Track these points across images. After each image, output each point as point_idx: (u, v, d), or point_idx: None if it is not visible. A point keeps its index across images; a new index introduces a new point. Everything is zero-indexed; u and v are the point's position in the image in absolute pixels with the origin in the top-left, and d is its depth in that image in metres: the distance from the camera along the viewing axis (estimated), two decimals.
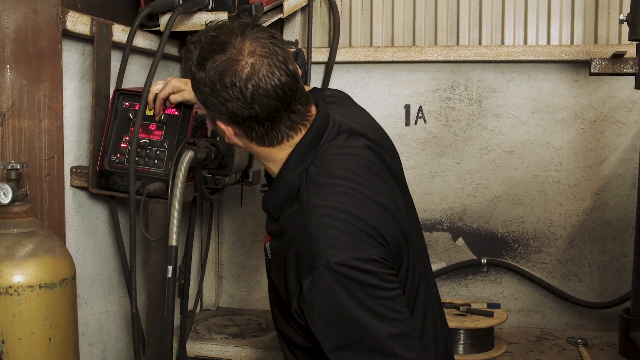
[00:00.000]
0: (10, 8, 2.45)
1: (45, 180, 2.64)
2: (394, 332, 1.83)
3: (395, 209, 2.02)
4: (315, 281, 1.81)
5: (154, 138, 2.81)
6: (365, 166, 2.02)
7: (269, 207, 2.06)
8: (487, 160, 3.58)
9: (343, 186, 1.93)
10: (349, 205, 1.89)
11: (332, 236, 1.84)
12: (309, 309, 1.85)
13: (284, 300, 2.01)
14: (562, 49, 3.40)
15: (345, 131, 2.07)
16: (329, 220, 1.86)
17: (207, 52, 1.91)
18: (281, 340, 2.24)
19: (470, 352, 3.17)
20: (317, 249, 1.82)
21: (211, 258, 3.90)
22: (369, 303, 1.81)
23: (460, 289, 3.69)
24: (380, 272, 1.84)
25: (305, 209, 1.90)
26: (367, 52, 3.58)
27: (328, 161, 1.99)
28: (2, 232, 2.23)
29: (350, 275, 1.80)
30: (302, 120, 1.99)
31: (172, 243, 2.51)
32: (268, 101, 1.88)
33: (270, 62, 1.88)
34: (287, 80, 1.90)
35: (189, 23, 3.06)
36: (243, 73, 1.85)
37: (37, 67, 2.58)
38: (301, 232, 1.88)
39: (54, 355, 2.27)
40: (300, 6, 3.49)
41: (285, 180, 1.98)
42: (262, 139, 1.97)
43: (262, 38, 1.91)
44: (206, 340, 3.47)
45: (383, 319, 1.82)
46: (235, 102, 1.88)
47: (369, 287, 1.81)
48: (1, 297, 2.15)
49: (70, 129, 2.83)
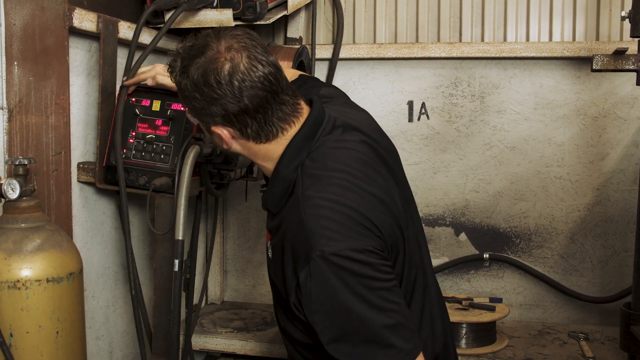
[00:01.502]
0: (18, 5, 2.47)
1: (52, 176, 2.66)
2: (389, 322, 1.83)
3: (390, 202, 2.02)
4: (311, 272, 1.82)
5: (160, 133, 2.82)
6: (360, 159, 2.03)
7: (268, 204, 2.07)
8: (489, 156, 3.60)
9: (338, 178, 1.94)
10: (344, 196, 1.90)
11: (327, 227, 1.84)
12: (306, 301, 1.86)
13: (283, 296, 2.02)
14: (564, 45, 3.42)
15: (340, 126, 2.08)
16: (324, 212, 1.87)
17: (187, 59, 1.93)
18: (284, 338, 2.24)
19: (473, 346, 3.19)
20: (312, 240, 1.83)
21: (216, 252, 3.93)
22: (364, 294, 1.82)
23: (463, 284, 3.71)
24: (376, 263, 1.85)
25: (301, 202, 1.90)
26: (370, 49, 3.60)
27: (323, 154, 2.00)
28: (10, 227, 2.24)
29: (346, 266, 1.81)
30: (293, 112, 2.00)
31: (178, 237, 2.54)
32: (255, 92, 1.89)
33: (249, 55, 1.90)
34: (270, 70, 1.92)
35: (194, 20, 3.08)
36: (224, 69, 1.88)
37: (44, 63, 2.59)
38: (297, 224, 1.89)
39: (62, 348, 2.28)
40: (304, 3, 3.50)
41: (282, 175, 1.99)
42: (258, 134, 1.97)
43: (237, 35, 1.93)
44: (211, 333, 3.49)
45: (379, 309, 1.83)
46: (224, 99, 1.90)
47: (364, 278, 1.82)
48: (9, 291, 2.17)
49: (77, 125, 2.85)
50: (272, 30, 3.86)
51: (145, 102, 2.84)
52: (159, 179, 2.75)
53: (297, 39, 3.65)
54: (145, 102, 2.84)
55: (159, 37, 2.94)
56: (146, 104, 2.84)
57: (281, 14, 3.27)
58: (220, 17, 3.05)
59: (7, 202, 2.26)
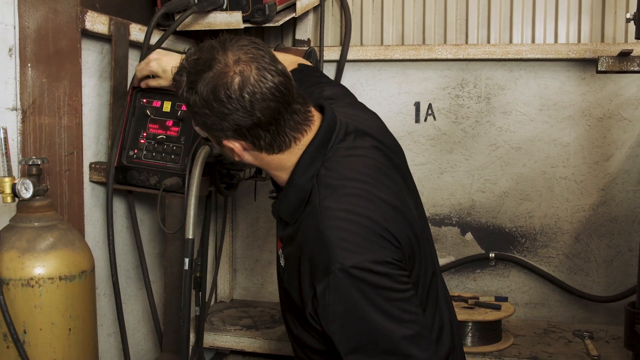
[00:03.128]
0: (32, 8, 2.50)
1: (65, 176, 2.68)
2: (408, 333, 1.82)
3: (405, 209, 2.01)
4: (330, 285, 1.80)
5: (171, 134, 2.84)
6: (374, 167, 2.00)
7: (282, 214, 2.03)
8: (495, 156, 3.62)
9: (354, 187, 1.91)
10: (360, 206, 1.87)
11: (345, 239, 1.82)
12: (324, 313, 1.84)
13: (299, 306, 1.99)
14: (570, 47, 3.43)
15: (352, 132, 2.04)
16: (342, 223, 1.84)
17: (194, 74, 1.88)
18: (295, 345, 2.24)
19: (478, 344, 3.21)
20: (331, 253, 1.80)
21: (225, 251, 3.95)
22: (383, 305, 1.80)
23: (469, 283, 3.73)
24: (394, 274, 1.84)
25: (318, 213, 1.88)
26: (378, 51, 3.62)
27: (338, 163, 1.96)
28: (24, 226, 2.27)
29: (366, 278, 1.79)
30: (305, 121, 1.96)
31: (188, 236, 2.56)
32: (267, 104, 1.85)
33: (258, 66, 1.85)
34: (280, 79, 1.87)
35: (203, 22, 3.10)
36: (234, 83, 1.82)
37: (57, 65, 2.62)
38: (314, 236, 1.86)
39: (74, 345, 2.31)
40: (312, 5, 3.51)
41: (297, 184, 1.96)
42: (271, 146, 1.94)
43: (243, 45, 1.88)
44: (221, 331, 3.52)
45: (398, 321, 1.82)
46: (236, 113, 1.85)
47: (383, 290, 1.81)
48: (23, 288, 2.20)
49: (89, 125, 2.88)
50: (281, 32, 3.88)
51: (156, 103, 2.87)
52: (169, 179, 2.77)
53: (305, 40, 3.67)
54: (156, 103, 2.87)
55: (164, 39, 2.98)
56: (157, 105, 2.87)
57: (290, 17, 3.28)
58: (229, 19, 3.07)
59: (21, 202, 2.29)
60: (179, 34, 3.20)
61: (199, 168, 2.58)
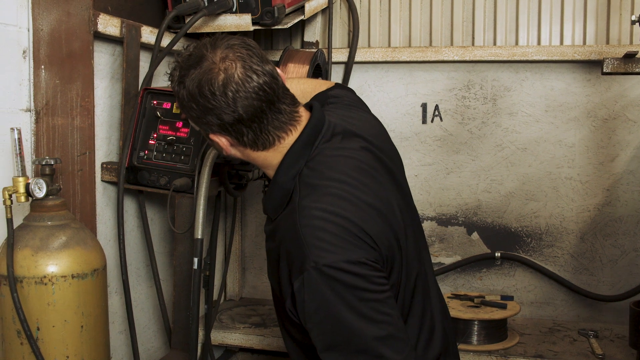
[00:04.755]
0: (45, 11, 2.53)
1: (77, 175, 2.72)
2: (380, 334, 1.83)
3: (387, 211, 2.01)
4: (305, 282, 1.82)
5: (181, 135, 2.87)
6: (358, 168, 2.01)
7: (268, 210, 2.06)
8: (501, 157, 3.64)
9: (334, 188, 1.92)
10: (339, 207, 1.89)
11: (321, 238, 1.84)
12: (301, 309, 1.86)
13: (279, 298, 2.03)
14: (575, 49, 3.44)
15: (339, 133, 2.07)
16: (318, 222, 1.86)
17: (184, 69, 1.95)
18: (285, 335, 2.24)
19: (484, 343, 3.23)
20: (306, 251, 1.83)
21: (235, 250, 3.98)
22: (356, 305, 1.81)
23: (475, 282, 3.75)
24: (369, 275, 1.84)
25: (296, 211, 1.90)
26: (385, 53, 3.64)
27: (321, 163, 1.98)
28: (37, 225, 2.30)
29: (339, 278, 1.80)
30: (290, 121, 1.99)
31: (197, 236, 2.60)
32: (250, 102, 1.90)
33: (244, 65, 1.90)
34: (265, 80, 1.91)
35: (213, 25, 3.13)
36: (218, 80, 1.88)
37: (70, 67, 2.66)
38: (292, 234, 1.88)
39: (86, 342, 2.34)
40: (320, 8, 3.53)
41: (279, 183, 1.99)
42: (255, 142, 1.98)
43: (233, 44, 1.93)
44: (230, 329, 3.54)
45: (370, 321, 1.83)
46: (218, 109, 1.91)
47: (356, 290, 1.82)
48: (36, 286, 2.23)
49: (100, 126, 2.92)
50: (290, 34, 3.91)
51: (166, 104, 2.90)
52: (179, 180, 2.79)
53: (313, 42, 3.70)
54: (166, 105, 2.90)
55: (175, 41, 3.00)
56: (167, 106, 2.90)
57: (298, 19, 3.30)
58: (239, 21, 3.09)
59: (34, 201, 2.33)
60: (189, 36, 3.23)
61: (208, 169, 2.61)
